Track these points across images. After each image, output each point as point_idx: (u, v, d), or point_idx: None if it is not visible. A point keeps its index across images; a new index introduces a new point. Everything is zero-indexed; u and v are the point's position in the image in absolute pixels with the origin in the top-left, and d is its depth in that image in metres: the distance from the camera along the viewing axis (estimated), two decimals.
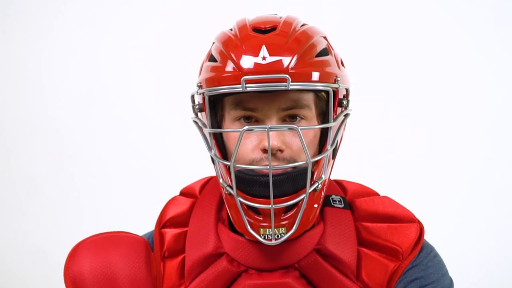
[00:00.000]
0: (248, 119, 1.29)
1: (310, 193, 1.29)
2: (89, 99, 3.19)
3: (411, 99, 3.01)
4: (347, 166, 2.03)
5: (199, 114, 1.38)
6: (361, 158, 3.02)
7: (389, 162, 3.06)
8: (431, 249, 1.45)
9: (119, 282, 1.39)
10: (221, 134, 1.34)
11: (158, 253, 1.45)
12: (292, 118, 1.29)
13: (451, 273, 1.46)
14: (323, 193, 1.36)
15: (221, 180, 1.33)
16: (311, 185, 1.29)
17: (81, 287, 1.38)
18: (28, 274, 3.29)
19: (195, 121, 1.38)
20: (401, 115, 3.04)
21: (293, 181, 1.27)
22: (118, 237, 1.48)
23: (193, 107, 1.38)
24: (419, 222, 1.46)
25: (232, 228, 1.41)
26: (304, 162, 1.26)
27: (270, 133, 1.22)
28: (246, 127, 1.21)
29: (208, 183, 1.54)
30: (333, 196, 1.48)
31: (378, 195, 1.54)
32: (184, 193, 1.56)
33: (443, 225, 2.98)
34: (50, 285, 2.83)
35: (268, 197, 1.25)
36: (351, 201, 1.50)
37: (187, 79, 1.83)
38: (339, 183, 1.57)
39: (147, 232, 1.53)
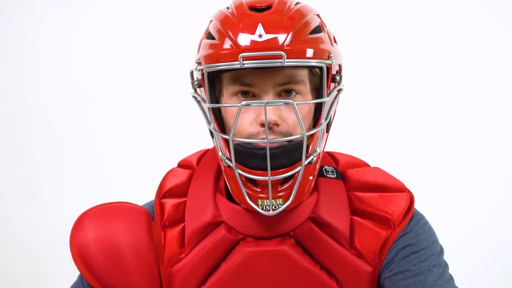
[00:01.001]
0: (245, 94, 1.33)
1: (305, 165, 1.33)
2: (86, 78, 3.21)
3: (409, 75, 3.04)
4: (344, 140, 2.07)
5: (197, 89, 1.41)
6: (359, 133, 3.06)
7: (387, 137, 3.10)
8: (421, 217, 1.50)
9: (123, 250, 1.43)
10: (219, 109, 1.37)
11: (159, 223, 1.49)
12: (288, 93, 1.33)
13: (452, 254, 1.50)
14: (317, 166, 1.40)
15: (220, 153, 1.37)
16: (307, 157, 1.33)
17: (87, 256, 1.42)
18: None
19: (194, 97, 1.42)
20: (399, 90, 3.07)
21: (289, 154, 1.31)
22: (120, 207, 1.52)
23: (192, 83, 1.41)
24: (409, 192, 1.51)
25: (229, 198, 1.45)
26: (300, 135, 1.30)
27: (267, 107, 1.26)
28: (244, 102, 1.26)
29: (205, 156, 1.58)
30: (326, 167, 1.52)
31: (369, 166, 1.59)
32: (182, 165, 1.59)
33: (438, 196, 3.04)
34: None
35: (266, 169, 1.29)
36: (343, 172, 1.54)
37: (185, 55, 1.86)
38: (331, 155, 1.61)
39: (147, 203, 1.57)
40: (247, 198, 1.34)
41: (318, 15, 1.40)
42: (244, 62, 1.25)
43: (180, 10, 3.02)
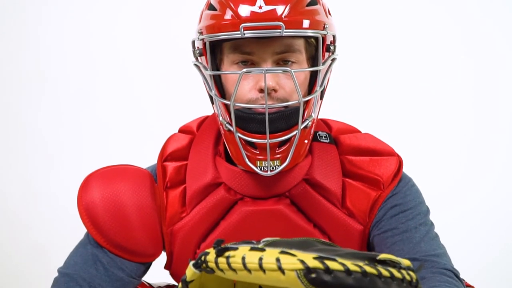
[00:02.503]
0: (245, 63, 1.40)
1: (301, 129, 1.40)
2: (87, 45, 3.26)
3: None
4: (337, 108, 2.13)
5: (199, 58, 1.47)
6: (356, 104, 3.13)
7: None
8: (409, 179, 1.57)
9: (127, 209, 1.50)
10: (219, 76, 1.44)
11: (161, 184, 1.55)
12: (285, 62, 1.40)
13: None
14: (312, 130, 1.47)
15: (220, 118, 1.43)
16: (302, 122, 1.40)
17: (93, 214, 1.49)
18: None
19: (196, 65, 1.48)
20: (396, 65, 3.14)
21: (286, 118, 1.39)
22: (125, 169, 1.59)
23: (194, 52, 1.48)
24: (398, 156, 1.58)
25: (228, 160, 1.52)
26: (296, 101, 1.37)
27: (266, 75, 1.33)
28: (245, 69, 1.33)
29: (204, 122, 1.63)
30: (320, 132, 1.58)
31: (361, 132, 1.65)
32: (183, 130, 1.65)
33: (438, 175, 3.11)
34: None
35: (264, 133, 1.37)
36: (335, 137, 1.60)
37: (187, 24, 1.91)
38: (324, 121, 1.67)
39: (150, 166, 1.63)
40: (247, 160, 1.41)
41: None
42: (245, 32, 1.32)
43: None
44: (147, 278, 1.66)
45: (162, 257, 1.63)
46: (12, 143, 3.35)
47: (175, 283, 1.75)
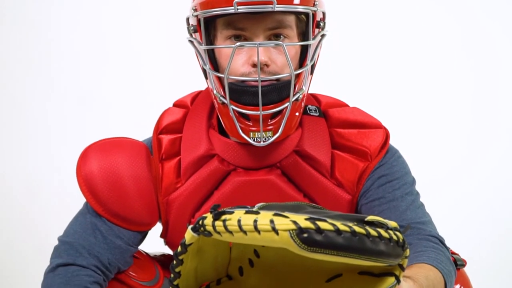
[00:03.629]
0: (238, 38, 1.43)
1: (292, 102, 1.44)
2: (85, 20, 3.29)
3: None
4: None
5: (193, 35, 1.50)
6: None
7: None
8: (396, 151, 1.61)
9: (124, 179, 1.53)
10: (213, 52, 1.47)
11: (157, 156, 1.58)
12: (276, 37, 1.43)
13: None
14: (303, 104, 1.51)
15: (215, 91, 1.47)
16: (294, 95, 1.44)
17: (92, 184, 1.52)
18: None
19: (190, 41, 1.51)
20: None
21: (278, 91, 1.42)
22: (122, 141, 1.62)
23: (188, 28, 1.50)
24: (385, 128, 1.61)
25: (221, 133, 1.55)
26: (287, 74, 1.41)
27: (258, 49, 1.37)
28: (238, 43, 1.37)
29: (198, 96, 1.66)
30: (310, 106, 1.61)
31: (349, 106, 1.69)
32: (177, 104, 1.67)
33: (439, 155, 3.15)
34: None
35: (257, 105, 1.40)
36: (325, 111, 1.63)
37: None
38: (314, 96, 1.70)
39: (146, 139, 1.65)
40: (240, 131, 1.44)
41: None
42: (238, 7, 1.35)
43: None
44: (144, 248, 1.69)
45: (158, 228, 1.67)
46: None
47: (170, 253, 1.79)
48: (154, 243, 1.76)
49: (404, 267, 0.94)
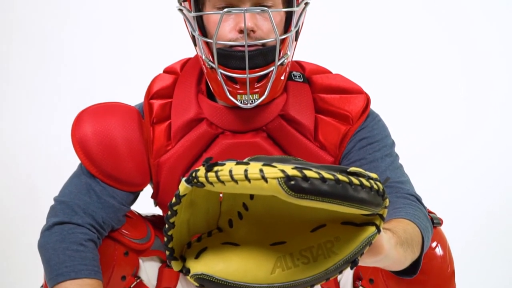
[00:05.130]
0: (225, 7, 1.46)
1: (278, 66, 1.47)
2: None
3: None
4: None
5: (182, 3, 1.53)
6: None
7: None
8: (376, 115, 1.65)
9: (117, 141, 1.57)
10: (202, 20, 1.50)
11: (148, 120, 1.61)
12: (262, 5, 1.46)
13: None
14: (288, 68, 1.54)
15: (203, 57, 1.50)
16: (279, 59, 1.47)
17: (86, 146, 1.56)
18: None
19: (180, 9, 1.54)
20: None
21: (264, 55, 1.46)
22: (114, 105, 1.65)
23: None
24: (366, 94, 1.65)
25: (210, 98, 1.59)
26: (273, 39, 1.44)
27: (245, 15, 1.40)
28: (226, 9, 1.40)
29: (187, 63, 1.69)
30: (294, 73, 1.65)
31: (332, 73, 1.72)
32: (167, 71, 1.70)
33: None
34: None
35: (244, 69, 1.44)
36: (308, 77, 1.67)
37: None
38: (298, 63, 1.73)
39: (137, 104, 1.69)
40: (228, 94, 1.48)
41: None
42: None
43: None
44: (135, 209, 1.73)
45: (149, 192, 1.71)
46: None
47: (160, 214, 1.83)
48: (145, 205, 1.80)
49: (384, 217, 0.98)
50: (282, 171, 0.83)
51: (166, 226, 0.98)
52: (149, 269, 1.66)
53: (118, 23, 3.34)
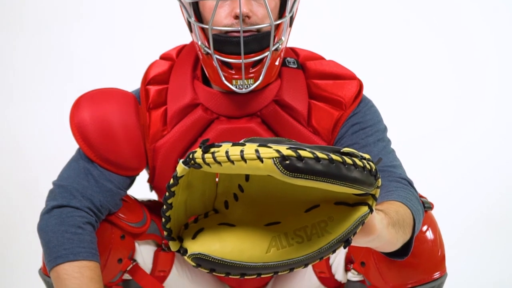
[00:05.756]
0: None
1: (272, 51, 1.49)
2: None
3: None
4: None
5: None
6: None
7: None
8: (369, 101, 1.67)
9: (114, 126, 1.58)
10: (197, 5, 1.51)
11: (144, 105, 1.63)
12: None
13: None
14: (282, 54, 1.56)
15: (199, 43, 1.51)
16: (274, 45, 1.49)
17: (84, 131, 1.57)
18: None
19: None
20: None
21: (259, 41, 1.47)
22: (112, 91, 1.66)
23: None
24: (359, 80, 1.66)
25: (205, 83, 1.61)
26: (268, 25, 1.46)
27: (240, 2, 1.41)
28: None
29: (183, 49, 1.70)
30: (288, 59, 1.66)
31: (325, 59, 1.74)
32: (163, 57, 1.72)
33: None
34: None
35: (239, 54, 1.45)
36: (302, 63, 1.68)
37: None
38: (293, 49, 1.75)
39: (133, 90, 1.70)
40: (224, 79, 1.50)
41: None
42: None
43: None
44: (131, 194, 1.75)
45: (144, 178, 1.73)
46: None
47: (155, 199, 1.84)
48: (141, 191, 1.81)
49: (377, 197, 0.99)
50: (277, 151, 0.84)
51: (164, 207, 0.99)
52: (145, 253, 1.68)
53: (116, 13, 3.36)
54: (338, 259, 1.66)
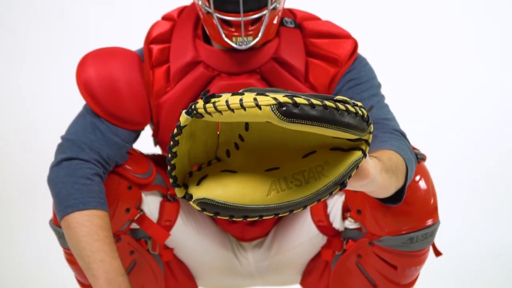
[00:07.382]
0: None
1: (270, 10, 1.52)
2: None
3: None
4: None
5: None
6: None
7: None
8: (364, 59, 1.71)
9: (119, 83, 1.62)
10: None
11: (148, 63, 1.66)
12: None
13: None
14: (280, 13, 1.59)
15: (200, 2, 1.54)
16: (272, 3, 1.52)
17: (90, 88, 1.61)
18: None
19: None
20: None
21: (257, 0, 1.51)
22: (116, 50, 1.70)
23: None
24: (354, 39, 1.69)
25: (206, 42, 1.64)
26: None
27: None
28: None
29: (184, 10, 1.73)
30: (286, 19, 1.69)
31: (321, 19, 1.76)
32: (165, 18, 1.74)
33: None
34: None
35: (239, 12, 1.49)
36: (300, 23, 1.71)
37: None
38: (290, 10, 1.77)
39: (137, 49, 1.73)
40: (224, 37, 1.53)
41: None
42: None
43: None
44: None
45: (148, 135, 1.76)
46: None
47: (160, 154, 1.87)
48: (145, 147, 1.84)
49: (369, 142, 1.02)
50: (275, 98, 0.88)
51: (169, 155, 1.03)
52: (151, 203, 1.71)
53: None
54: (335, 208, 1.70)
